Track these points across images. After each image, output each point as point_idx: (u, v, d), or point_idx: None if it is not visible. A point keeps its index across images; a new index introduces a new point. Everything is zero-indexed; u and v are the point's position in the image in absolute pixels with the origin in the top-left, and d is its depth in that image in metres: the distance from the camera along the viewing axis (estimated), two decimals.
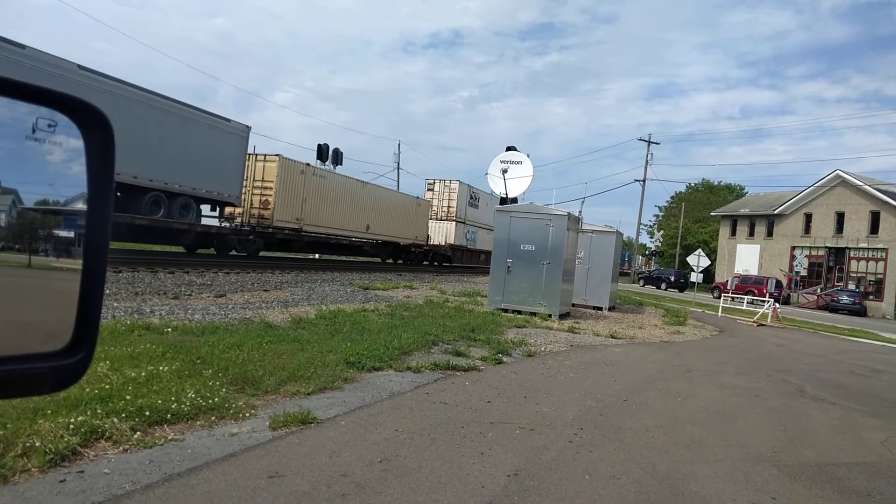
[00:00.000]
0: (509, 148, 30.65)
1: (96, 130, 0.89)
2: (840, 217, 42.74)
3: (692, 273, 25.69)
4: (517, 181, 28.93)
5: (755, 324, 19.86)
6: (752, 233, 49.33)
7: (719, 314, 22.33)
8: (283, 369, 5.70)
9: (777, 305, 22.54)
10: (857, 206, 41.47)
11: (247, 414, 4.46)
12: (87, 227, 0.87)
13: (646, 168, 54.21)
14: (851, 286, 40.21)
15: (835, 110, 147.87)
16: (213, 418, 4.24)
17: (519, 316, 13.23)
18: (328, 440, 4.17)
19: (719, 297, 27.99)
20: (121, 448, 3.55)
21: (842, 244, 42.27)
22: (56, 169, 0.88)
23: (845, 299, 37.03)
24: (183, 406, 4.21)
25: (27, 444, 3.21)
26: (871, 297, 39.21)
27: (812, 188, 44.71)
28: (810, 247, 44.56)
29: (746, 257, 48.69)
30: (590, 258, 17.96)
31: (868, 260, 41.03)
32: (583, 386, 7.02)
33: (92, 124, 0.88)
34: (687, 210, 63.29)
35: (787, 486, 4.27)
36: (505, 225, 14.32)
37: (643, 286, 47.10)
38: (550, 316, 13.61)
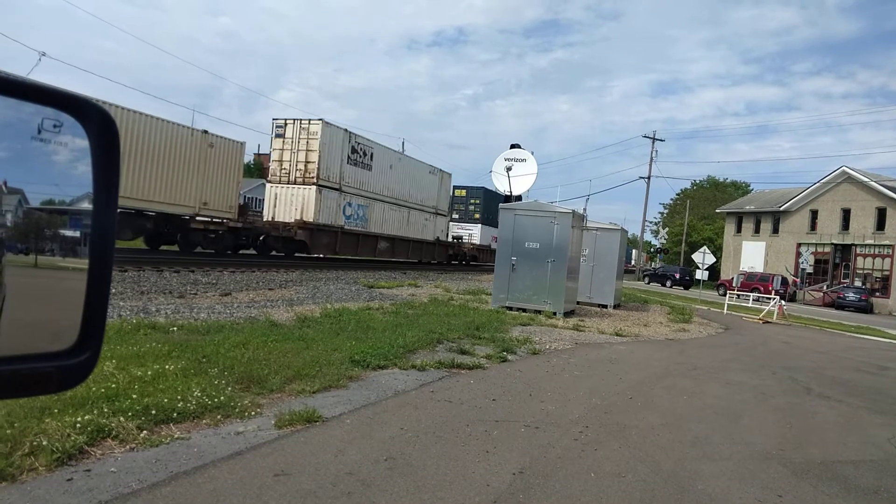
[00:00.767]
0: (513, 146, 30.67)
1: (101, 130, 0.89)
2: (846, 214, 42.51)
3: (697, 270, 25.63)
4: (521, 179, 28.92)
5: (761, 321, 19.79)
6: (758, 230, 49.13)
7: (725, 311, 22.26)
8: (289, 368, 5.72)
9: (783, 302, 22.44)
10: (864, 203, 41.23)
11: (252, 412, 4.47)
12: (93, 227, 0.87)
13: (650, 165, 54.04)
14: (858, 283, 39.99)
15: (841, 106, 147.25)
16: (219, 417, 4.26)
17: (524, 314, 13.23)
18: (334, 438, 4.18)
19: (725, 295, 27.90)
20: (127, 447, 3.56)
21: (848, 241, 42.05)
22: (61, 169, 0.88)
23: (851, 296, 36.82)
24: (189, 405, 4.23)
25: (34, 443, 3.23)
26: (878, 294, 38.99)
27: (818, 185, 44.47)
28: (816, 244, 44.33)
29: (752, 254, 48.50)
30: (594, 256, 17.91)
31: (874, 257, 40.81)
32: (588, 384, 7.01)
33: (97, 124, 0.88)
34: (692, 207, 63.15)
35: (794, 484, 4.25)
36: (509, 223, 14.31)
37: (648, 284, 46.99)
38: (555, 314, 13.60)
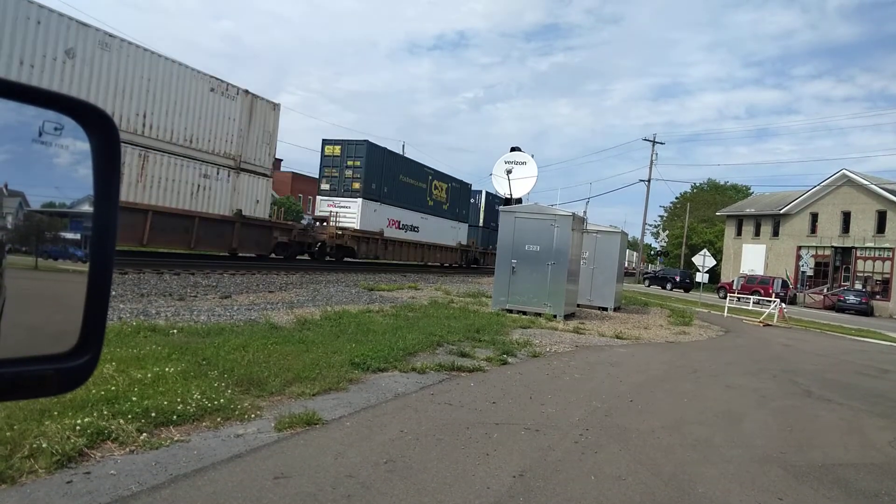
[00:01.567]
0: (514, 148, 30.61)
1: (102, 133, 0.89)
2: (846, 216, 42.50)
3: (697, 273, 25.61)
4: (522, 182, 28.88)
5: (761, 324, 19.78)
6: (758, 233, 49.12)
7: (725, 314, 22.25)
8: (289, 370, 5.71)
9: (783, 305, 22.44)
10: (864, 206, 41.24)
11: (252, 415, 4.47)
12: (94, 230, 0.88)
13: (650, 168, 54.10)
14: (858, 286, 39.97)
15: (841, 109, 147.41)
16: (219, 419, 4.25)
17: (524, 316, 13.21)
18: (333, 441, 4.18)
19: (725, 298, 27.89)
20: (127, 449, 3.56)
21: (848, 244, 42.04)
22: (62, 172, 0.89)
23: (852, 299, 36.80)
24: (189, 407, 4.22)
25: (34, 446, 3.23)
26: (878, 297, 38.95)
27: (818, 188, 44.48)
28: (816, 246, 44.33)
29: (752, 257, 48.48)
30: (595, 258, 17.91)
31: (875, 259, 40.79)
32: (588, 387, 7.00)
33: (97, 127, 0.89)
34: (692, 210, 63.15)
35: (794, 487, 4.25)
36: (510, 225, 14.30)
37: (648, 286, 46.99)
38: (555, 316, 13.60)
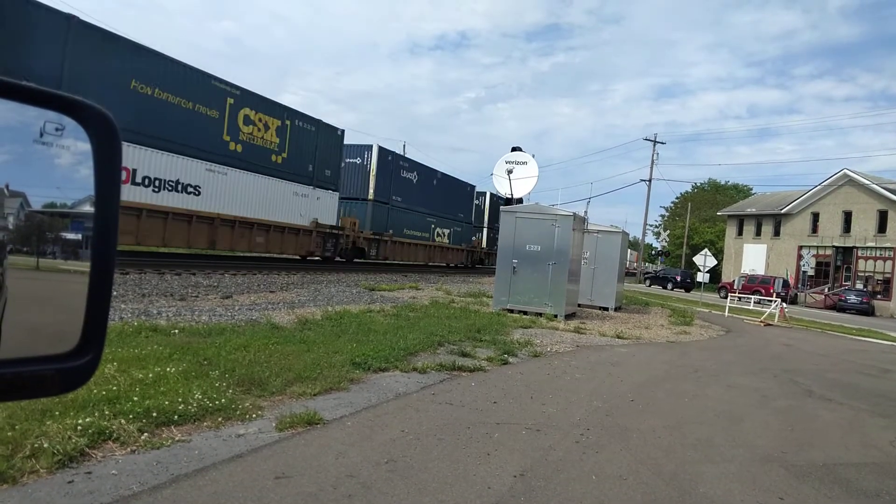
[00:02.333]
0: (514, 148, 30.59)
1: (103, 133, 0.89)
2: (847, 216, 42.50)
3: (698, 273, 25.58)
4: (522, 182, 28.86)
5: (762, 324, 19.77)
6: (759, 232, 49.10)
7: (726, 314, 22.23)
8: (290, 370, 5.72)
9: (784, 305, 22.42)
10: (865, 206, 41.22)
11: (253, 415, 4.47)
12: (95, 230, 0.88)
13: (651, 168, 54.09)
14: (859, 286, 39.97)
15: (842, 109, 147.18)
16: (220, 419, 4.25)
17: (525, 316, 13.21)
18: (334, 441, 4.18)
19: (726, 297, 27.88)
20: (128, 449, 3.56)
21: (849, 243, 42.03)
22: (63, 172, 0.89)
23: (853, 299, 36.79)
24: (190, 407, 4.23)
25: (35, 446, 3.23)
26: (879, 297, 38.95)
27: (819, 187, 44.47)
28: (818, 246, 44.30)
29: (753, 257, 48.47)
30: (595, 258, 17.90)
31: (876, 259, 40.77)
32: (589, 386, 7.00)
33: (98, 127, 0.89)
34: (693, 210, 63.11)
35: (795, 487, 4.25)
36: (510, 225, 14.30)
37: (649, 286, 46.97)
38: (556, 316, 13.59)
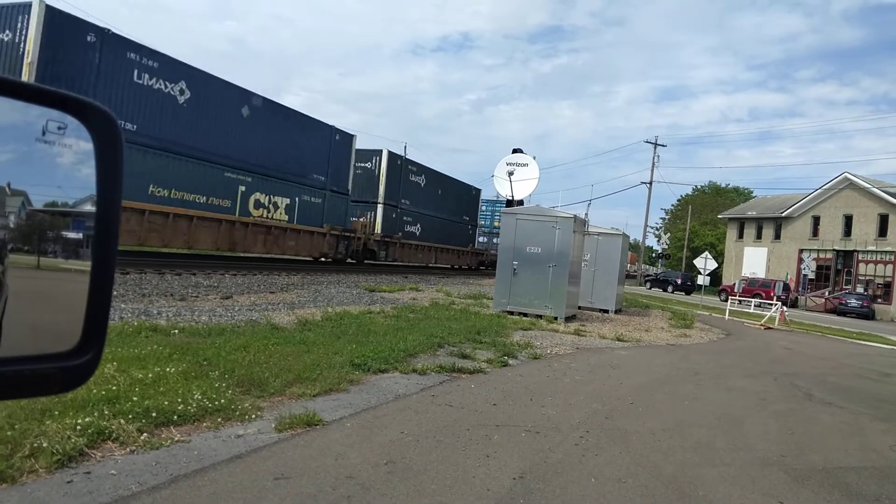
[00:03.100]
0: (515, 150, 30.58)
1: (105, 132, 0.89)
2: (848, 220, 42.46)
3: (699, 276, 25.58)
4: (523, 183, 28.84)
5: (762, 327, 19.75)
6: (760, 235, 49.07)
7: (726, 317, 22.21)
8: (289, 371, 5.71)
9: (784, 308, 22.40)
10: (866, 209, 41.19)
11: (253, 415, 4.47)
12: (96, 229, 0.88)
13: (652, 170, 54.14)
14: (860, 289, 39.93)
15: (844, 113, 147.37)
16: (220, 420, 4.25)
17: (525, 318, 13.20)
18: (334, 442, 4.18)
19: (726, 300, 27.84)
20: (127, 449, 3.56)
21: (850, 247, 41.98)
22: (65, 171, 0.89)
23: (853, 302, 36.75)
24: (189, 407, 4.22)
25: (35, 445, 3.23)
26: (880, 301, 38.92)
27: (820, 191, 44.44)
28: (818, 249, 44.27)
29: (754, 260, 48.43)
30: (596, 261, 17.88)
31: (876, 263, 40.73)
32: (589, 389, 7.00)
33: (100, 126, 0.89)
34: (694, 212, 63.08)
35: (795, 491, 4.24)
36: (511, 227, 14.29)
37: (650, 289, 46.95)
38: (556, 318, 13.58)
